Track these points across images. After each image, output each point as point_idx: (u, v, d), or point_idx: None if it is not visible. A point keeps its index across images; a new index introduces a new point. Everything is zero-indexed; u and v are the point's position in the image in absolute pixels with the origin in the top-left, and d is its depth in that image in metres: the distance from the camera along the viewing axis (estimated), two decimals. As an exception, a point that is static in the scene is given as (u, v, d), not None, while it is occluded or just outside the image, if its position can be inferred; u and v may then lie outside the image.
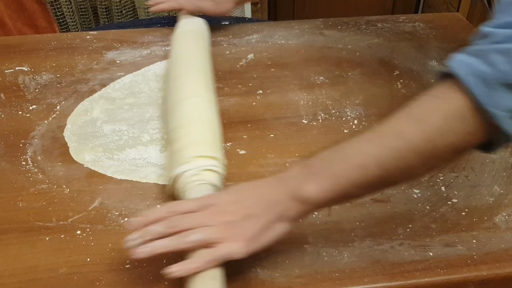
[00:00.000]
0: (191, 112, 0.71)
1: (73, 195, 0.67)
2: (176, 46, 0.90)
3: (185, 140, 0.66)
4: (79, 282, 0.56)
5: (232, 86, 0.90)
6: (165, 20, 1.45)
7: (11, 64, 0.96)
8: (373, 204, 0.66)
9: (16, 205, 0.66)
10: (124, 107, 0.84)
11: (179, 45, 0.90)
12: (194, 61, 0.84)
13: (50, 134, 0.78)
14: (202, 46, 0.91)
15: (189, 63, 0.83)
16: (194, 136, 0.67)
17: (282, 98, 0.87)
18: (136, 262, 0.58)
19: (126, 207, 0.65)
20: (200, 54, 0.87)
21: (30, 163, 0.72)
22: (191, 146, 0.65)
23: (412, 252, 0.59)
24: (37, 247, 0.60)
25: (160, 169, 0.71)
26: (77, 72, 0.94)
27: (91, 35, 1.06)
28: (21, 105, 0.85)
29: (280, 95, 0.88)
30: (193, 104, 0.73)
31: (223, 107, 0.83)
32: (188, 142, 0.66)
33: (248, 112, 0.84)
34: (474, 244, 0.60)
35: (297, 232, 0.61)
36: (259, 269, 0.57)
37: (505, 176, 0.70)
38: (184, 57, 0.85)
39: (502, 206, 0.66)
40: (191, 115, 0.70)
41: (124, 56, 0.99)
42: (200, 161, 0.63)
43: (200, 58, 0.86)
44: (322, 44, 1.05)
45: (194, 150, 0.64)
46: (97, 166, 0.71)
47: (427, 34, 1.08)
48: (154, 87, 0.89)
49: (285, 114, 0.84)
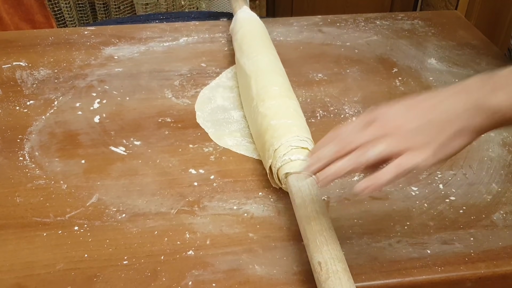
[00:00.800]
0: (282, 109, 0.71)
1: (71, 190, 0.67)
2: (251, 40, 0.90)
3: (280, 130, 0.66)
4: (77, 278, 0.55)
5: (230, 83, 0.90)
6: (163, 16, 1.45)
7: (8, 59, 0.96)
8: (371, 201, 0.66)
9: (13, 200, 0.65)
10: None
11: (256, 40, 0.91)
12: (272, 58, 0.85)
13: (47, 130, 0.78)
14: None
15: (269, 59, 0.84)
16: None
17: (281, 95, 0.87)
18: (134, 258, 0.58)
19: (123, 203, 0.65)
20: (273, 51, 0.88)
21: (28, 158, 0.72)
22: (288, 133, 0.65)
23: (410, 250, 0.59)
24: (34, 242, 0.60)
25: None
26: (74, 67, 0.94)
27: (89, 31, 1.06)
28: (19, 100, 0.85)
29: (278, 92, 0.88)
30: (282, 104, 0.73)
31: (221, 104, 0.83)
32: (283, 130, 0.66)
33: (247, 108, 0.84)
34: (471, 242, 0.60)
35: (295, 229, 0.61)
36: (257, 265, 0.57)
37: (503, 174, 0.70)
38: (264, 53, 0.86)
39: (499, 204, 0.66)
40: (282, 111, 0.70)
41: (122, 51, 0.99)
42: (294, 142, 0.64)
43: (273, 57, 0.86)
44: (321, 41, 1.05)
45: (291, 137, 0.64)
46: (242, 149, 0.74)
47: (426, 31, 1.08)
48: None
49: (283, 111, 0.83)
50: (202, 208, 0.64)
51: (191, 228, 0.62)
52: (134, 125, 0.79)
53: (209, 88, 0.88)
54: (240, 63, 0.85)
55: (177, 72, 0.93)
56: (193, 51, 1.00)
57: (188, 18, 1.53)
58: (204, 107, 0.84)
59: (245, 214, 0.64)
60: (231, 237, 0.60)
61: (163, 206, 0.65)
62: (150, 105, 0.84)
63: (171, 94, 0.87)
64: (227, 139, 0.76)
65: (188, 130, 0.78)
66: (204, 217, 0.63)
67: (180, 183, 0.68)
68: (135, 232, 0.61)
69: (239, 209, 0.64)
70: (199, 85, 0.89)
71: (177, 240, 0.60)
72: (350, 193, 0.66)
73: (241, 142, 0.75)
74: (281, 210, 0.64)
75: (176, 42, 1.03)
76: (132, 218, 0.63)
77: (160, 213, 0.64)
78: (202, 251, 0.59)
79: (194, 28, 1.09)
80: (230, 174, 0.70)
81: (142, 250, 0.59)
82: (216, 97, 0.86)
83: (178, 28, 1.08)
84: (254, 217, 0.63)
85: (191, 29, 1.08)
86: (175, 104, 0.85)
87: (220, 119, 0.80)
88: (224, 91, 0.88)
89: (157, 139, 0.76)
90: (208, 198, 0.66)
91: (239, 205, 0.65)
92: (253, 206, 0.65)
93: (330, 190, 0.67)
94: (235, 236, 0.61)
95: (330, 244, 0.51)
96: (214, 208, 0.64)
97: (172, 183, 0.68)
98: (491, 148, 0.75)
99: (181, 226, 0.62)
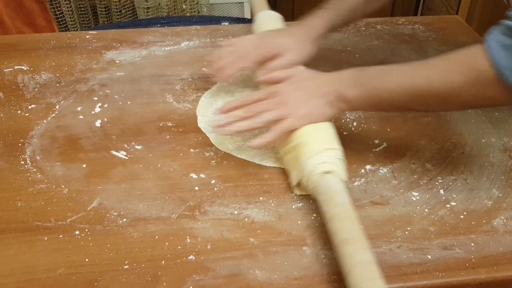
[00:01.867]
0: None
1: (72, 195, 0.67)
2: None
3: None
4: (78, 283, 0.55)
5: (231, 87, 0.90)
6: (164, 20, 1.45)
7: (10, 63, 0.96)
8: (371, 206, 0.66)
9: (14, 204, 0.65)
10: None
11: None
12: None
13: (49, 134, 0.78)
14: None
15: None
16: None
17: (282, 100, 0.87)
18: (135, 262, 0.58)
19: (124, 208, 0.65)
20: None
21: (29, 162, 0.72)
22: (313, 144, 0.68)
23: (411, 255, 0.59)
24: (35, 247, 0.60)
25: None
26: (76, 71, 0.94)
27: (90, 35, 1.06)
28: (20, 104, 0.85)
29: (279, 96, 0.88)
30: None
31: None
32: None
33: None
34: (472, 248, 0.60)
35: (296, 234, 0.61)
36: (258, 270, 0.57)
37: (504, 180, 0.70)
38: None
39: (500, 210, 0.66)
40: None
41: (124, 56, 0.99)
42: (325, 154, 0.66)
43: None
44: (322, 46, 1.04)
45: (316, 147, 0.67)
46: (243, 154, 0.74)
47: (427, 36, 1.08)
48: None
49: (284, 115, 0.83)
50: (203, 213, 0.64)
51: (192, 232, 0.62)
52: (135, 130, 0.80)
53: (211, 93, 0.89)
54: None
55: (178, 76, 0.94)
56: (195, 55, 1.00)
57: (189, 22, 1.54)
58: (206, 112, 0.84)
59: (246, 219, 0.64)
60: (232, 242, 0.61)
61: (164, 210, 0.65)
62: (151, 110, 0.84)
63: (172, 99, 0.87)
64: (228, 143, 0.76)
65: (189, 135, 0.78)
66: (205, 221, 0.63)
67: (181, 188, 0.68)
68: (136, 236, 0.61)
69: (240, 214, 0.64)
70: (200, 89, 0.90)
71: (178, 244, 0.60)
72: (352, 199, 0.66)
73: (242, 146, 0.75)
74: (282, 215, 0.64)
75: (177, 46, 1.04)
76: (133, 223, 0.63)
77: (161, 218, 0.64)
78: (203, 256, 0.59)
79: (196, 33, 1.09)
80: (231, 178, 0.70)
81: (143, 255, 0.59)
82: (217, 102, 0.86)
83: (180, 33, 1.09)
84: (255, 222, 0.63)
85: (193, 33, 1.09)
86: (176, 108, 0.85)
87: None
88: (226, 96, 0.88)
89: (158, 143, 0.77)
90: (209, 203, 0.66)
91: (240, 209, 0.65)
92: (254, 211, 0.65)
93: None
94: (236, 241, 0.61)
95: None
96: (215, 213, 0.64)
97: (173, 188, 0.68)
98: (492, 154, 0.75)
99: (182, 230, 0.62)
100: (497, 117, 0.83)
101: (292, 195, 0.67)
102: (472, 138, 0.78)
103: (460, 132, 0.80)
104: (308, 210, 0.65)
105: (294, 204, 0.66)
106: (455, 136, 0.78)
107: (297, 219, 0.64)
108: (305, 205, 0.66)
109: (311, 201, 0.66)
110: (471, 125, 0.81)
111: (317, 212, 0.64)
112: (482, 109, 0.84)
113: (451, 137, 0.78)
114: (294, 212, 0.65)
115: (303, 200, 0.66)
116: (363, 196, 0.67)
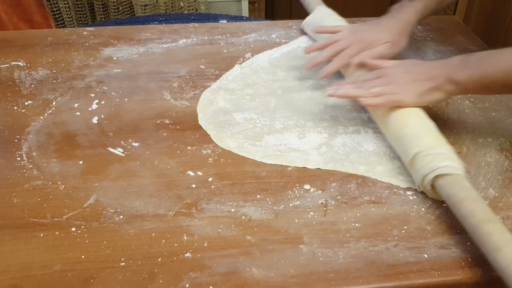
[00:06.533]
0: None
1: (68, 191, 0.67)
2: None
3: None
4: (74, 280, 0.55)
5: (229, 85, 0.90)
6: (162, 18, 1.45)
7: (6, 59, 0.95)
8: (368, 205, 0.66)
9: (10, 201, 0.65)
10: (246, 97, 0.87)
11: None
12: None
13: (45, 130, 0.78)
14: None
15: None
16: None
17: (279, 98, 0.87)
18: (131, 260, 0.57)
19: (121, 205, 0.65)
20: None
21: (25, 159, 0.72)
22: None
23: (407, 254, 0.59)
24: (31, 243, 0.59)
25: (303, 154, 0.74)
26: (73, 68, 0.94)
27: (87, 31, 1.06)
28: (17, 100, 0.84)
29: (277, 94, 0.88)
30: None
31: (220, 106, 0.83)
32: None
33: (245, 111, 0.84)
34: (468, 247, 0.60)
35: (293, 232, 0.61)
36: (255, 268, 0.57)
37: (500, 180, 0.71)
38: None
39: (496, 209, 0.66)
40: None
41: (121, 53, 0.99)
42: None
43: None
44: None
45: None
46: (244, 151, 0.74)
47: (424, 36, 1.08)
48: (267, 79, 0.92)
49: (282, 114, 0.83)
50: (200, 210, 0.64)
51: (188, 230, 0.62)
52: (133, 127, 0.79)
53: (211, 90, 0.89)
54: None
55: (176, 73, 0.93)
56: (192, 53, 1.00)
57: (187, 20, 1.53)
58: (206, 109, 0.84)
59: (242, 216, 0.64)
60: (229, 239, 0.60)
61: (161, 208, 0.65)
62: (148, 107, 0.84)
63: (170, 96, 0.87)
64: (229, 141, 0.76)
65: (187, 132, 0.78)
66: (201, 219, 0.63)
67: (178, 185, 0.68)
68: (132, 233, 0.61)
69: (237, 212, 0.64)
70: (198, 87, 0.89)
71: (174, 242, 0.60)
72: (349, 197, 0.67)
73: (243, 144, 0.75)
74: (279, 213, 0.64)
75: (175, 43, 1.03)
76: (129, 220, 0.63)
77: (157, 215, 0.64)
78: (200, 254, 0.59)
79: (193, 30, 1.09)
80: (228, 176, 0.70)
81: (139, 252, 0.59)
82: (217, 99, 0.86)
83: (177, 30, 1.08)
84: (252, 220, 0.63)
85: (190, 31, 1.08)
86: (173, 106, 0.85)
87: (222, 121, 0.81)
88: (226, 94, 0.88)
89: (156, 140, 0.76)
90: (206, 200, 0.66)
91: (237, 207, 0.65)
92: (251, 208, 0.65)
93: (329, 194, 0.67)
94: (233, 239, 0.61)
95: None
96: (211, 211, 0.64)
97: (170, 185, 0.68)
98: (489, 154, 0.75)
99: (179, 228, 0.62)
100: (494, 117, 0.83)
101: (289, 193, 0.67)
102: (469, 138, 0.78)
103: (457, 131, 0.80)
104: (305, 209, 0.65)
105: (291, 202, 0.66)
106: (452, 136, 0.78)
107: (294, 217, 0.64)
108: (302, 204, 0.66)
109: (308, 200, 0.66)
110: (468, 125, 0.81)
111: (314, 210, 0.64)
112: (479, 109, 0.85)
113: (448, 136, 0.78)
114: (291, 210, 0.65)
115: (300, 199, 0.66)
116: (360, 195, 0.67)
